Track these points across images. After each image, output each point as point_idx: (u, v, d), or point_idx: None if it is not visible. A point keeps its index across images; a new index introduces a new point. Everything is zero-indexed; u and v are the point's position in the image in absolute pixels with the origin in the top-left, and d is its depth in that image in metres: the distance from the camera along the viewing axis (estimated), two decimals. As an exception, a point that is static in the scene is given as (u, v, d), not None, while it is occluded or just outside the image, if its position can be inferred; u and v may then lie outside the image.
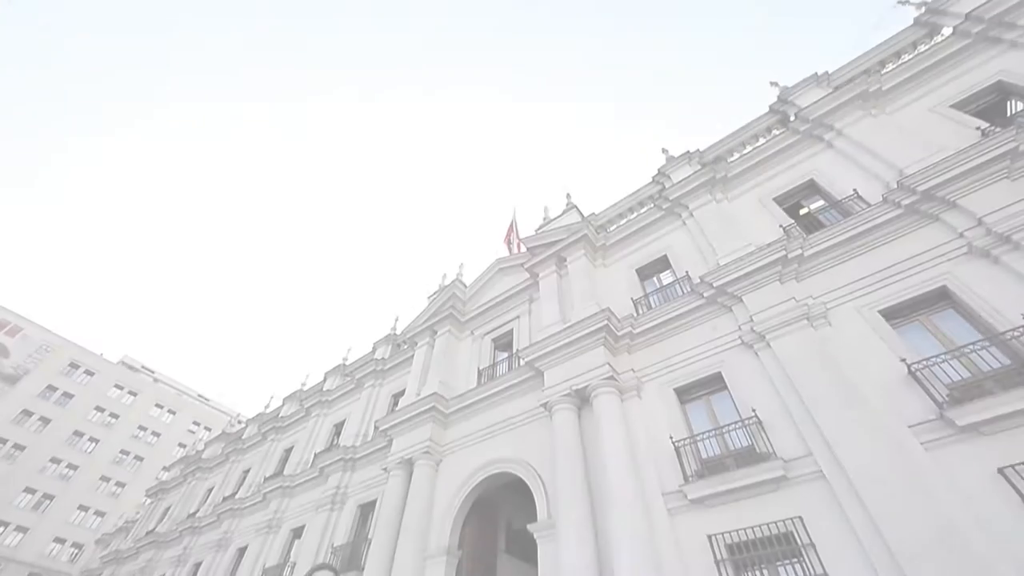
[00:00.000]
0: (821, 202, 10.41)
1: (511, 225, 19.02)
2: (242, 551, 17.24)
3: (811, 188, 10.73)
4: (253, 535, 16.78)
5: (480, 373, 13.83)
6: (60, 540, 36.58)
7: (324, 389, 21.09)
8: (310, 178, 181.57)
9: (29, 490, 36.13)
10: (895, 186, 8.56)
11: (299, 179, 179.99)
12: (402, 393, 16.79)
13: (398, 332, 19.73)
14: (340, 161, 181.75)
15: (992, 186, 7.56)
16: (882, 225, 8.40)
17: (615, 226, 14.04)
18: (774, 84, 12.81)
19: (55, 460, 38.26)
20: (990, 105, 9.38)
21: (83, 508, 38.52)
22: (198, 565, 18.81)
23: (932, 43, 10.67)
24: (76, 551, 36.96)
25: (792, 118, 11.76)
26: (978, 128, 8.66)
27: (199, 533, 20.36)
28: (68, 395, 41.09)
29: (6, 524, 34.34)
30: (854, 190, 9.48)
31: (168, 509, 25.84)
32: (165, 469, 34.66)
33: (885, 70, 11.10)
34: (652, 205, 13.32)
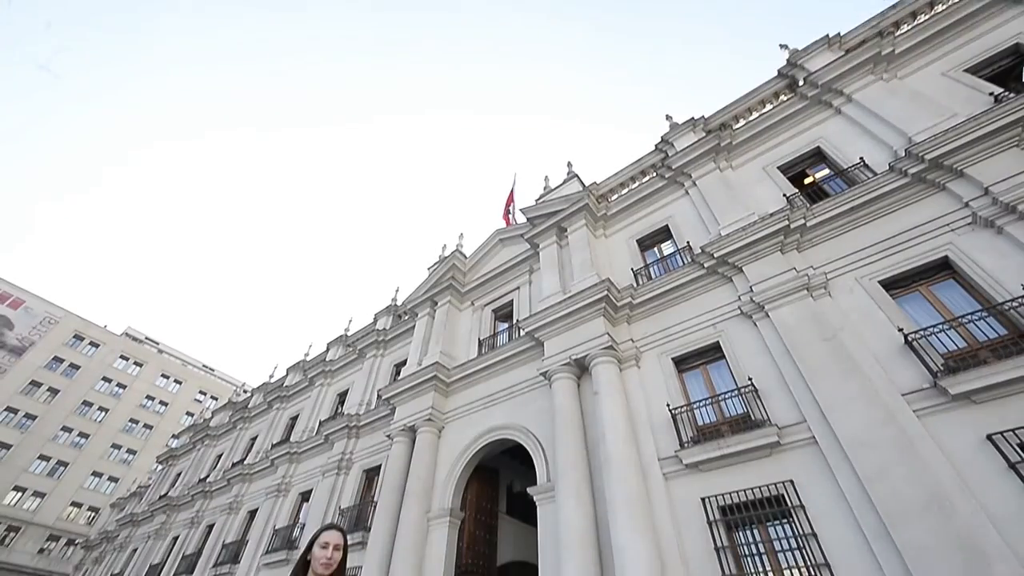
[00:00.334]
0: (827, 171, 10.23)
1: (511, 193, 18.78)
2: (253, 513, 17.92)
3: (817, 156, 10.53)
4: (263, 498, 17.39)
5: (481, 343, 13.98)
6: (76, 504, 37.99)
7: (327, 359, 21.38)
8: (312, 147, 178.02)
9: (43, 457, 37.23)
10: (903, 154, 8.39)
11: (301, 148, 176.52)
12: (404, 363, 17.03)
13: (399, 303, 19.82)
14: (342, 130, 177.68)
15: (1001, 155, 7.39)
16: (887, 194, 8.28)
17: (617, 195, 13.86)
18: (784, 47, 12.35)
19: (66, 429, 39.24)
20: (1006, 69, 9.07)
21: (97, 474, 39.81)
22: (211, 526, 19.59)
23: (949, 3, 10.22)
24: (92, 514, 38.43)
25: (801, 83, 11.41)
26: (991, 93, 8.41)
27: (211, 497, 21.10)
28: (74, 366, 41.71)
29: (24, 490, 35.56)
30: (861, 158, 9.30)
31: (179, 475, 26.70)
32: (174, 437, 35.65)
33: (899, 32, 10.68)
34: (655, 174, 13.11)
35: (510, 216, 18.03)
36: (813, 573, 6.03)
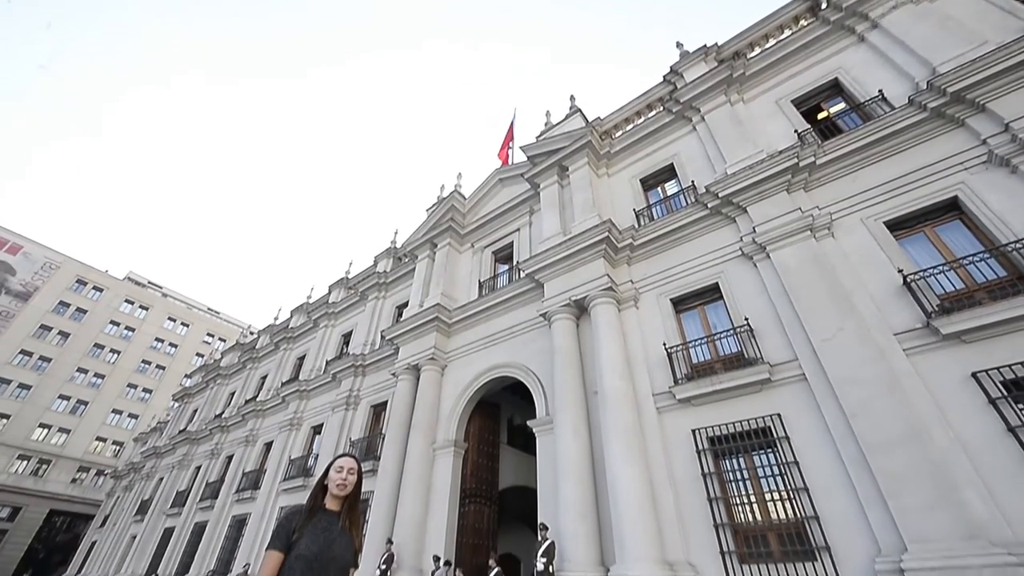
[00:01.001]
0: (842, 104, 9.74)
1: (510, 129, 17.98)
2: (269, 445, 19.01)
3: (834, 88, 9.97)
4: (277, 432, 18.38)
5: (481, 285, 14.08)
6: (101, 439, 40.17)
7: (330, 301, 21.66)
8: (312, 90, 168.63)
9: (63, 397, 38.81)
10: (924, 87, 7.94)
11: (302, 91, 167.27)
12: (406, 304, 17.26)
13: (398, 245, 19.72)
14: (341, 72, 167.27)
15: (1028, 86, 6.99)
16: (902, 131, 7.93)
17: (621, 132, 13.31)
18: (808, -38, 11.26)
19: (82, 370, 40.55)
20: (1048, -13, 8.33)
21: (116, 412, 41.71)
22: (230, 457, 20.86)
23: (998, -93, 9.17)
24: (118, 448, 40.76)
25: (824, 5, 10.55)
26: (1028, 16, 7.79)
27: (227, 431, 22.28)
28: (81, 310, 42.28)
29: (49, 426, 37.45)
30: (879, 91, 8.81)
31: (196, 411, 28.00)
32: (187, 376, 36.94)
33: (937, -57, 9.68)
34: (661, 108, 12.49)
35: (508, 154, 17.39)
36: (792, 496, 6.51)
